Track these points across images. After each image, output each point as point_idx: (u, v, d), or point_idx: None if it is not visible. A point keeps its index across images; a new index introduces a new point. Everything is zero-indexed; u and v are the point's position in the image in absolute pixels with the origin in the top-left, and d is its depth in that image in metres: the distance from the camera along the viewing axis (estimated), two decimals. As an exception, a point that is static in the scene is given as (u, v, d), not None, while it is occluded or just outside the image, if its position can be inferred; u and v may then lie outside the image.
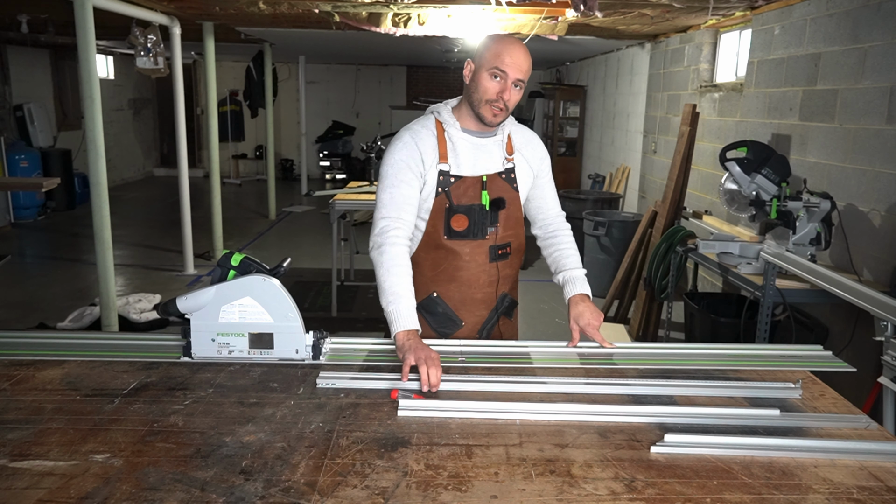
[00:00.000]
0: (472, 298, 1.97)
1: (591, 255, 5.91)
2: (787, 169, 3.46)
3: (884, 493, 1.19)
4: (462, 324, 1.98)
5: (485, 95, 1.81)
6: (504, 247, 1.95)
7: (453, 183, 1.87)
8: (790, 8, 4.18)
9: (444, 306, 1.96)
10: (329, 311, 5.13)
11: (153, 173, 13.61)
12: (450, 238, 1.90)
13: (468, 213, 1.88)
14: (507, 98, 1.81)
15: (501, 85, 1.80)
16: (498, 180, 1.92)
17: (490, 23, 5.35)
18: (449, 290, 1.95)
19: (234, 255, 1.68)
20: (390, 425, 1.39)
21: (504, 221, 1.93)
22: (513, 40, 1.83)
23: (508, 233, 1.95)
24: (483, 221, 1.90)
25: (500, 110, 1.82)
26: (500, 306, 2.02)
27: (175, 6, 5.52)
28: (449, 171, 1.88)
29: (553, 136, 9.69)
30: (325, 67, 13.46)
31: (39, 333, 2.43)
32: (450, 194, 1.87)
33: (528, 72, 1.82)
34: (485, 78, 1.80)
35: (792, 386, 1.60)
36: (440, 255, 1.92)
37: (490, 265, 1.94)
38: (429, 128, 1.91)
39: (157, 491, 1.13)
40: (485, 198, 1.89)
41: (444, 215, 1.88)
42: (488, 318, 2.00)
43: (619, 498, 1.15)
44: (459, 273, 1.93)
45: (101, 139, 4.44)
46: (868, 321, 2.78)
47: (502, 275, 1.98)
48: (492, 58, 1.79)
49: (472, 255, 1.92)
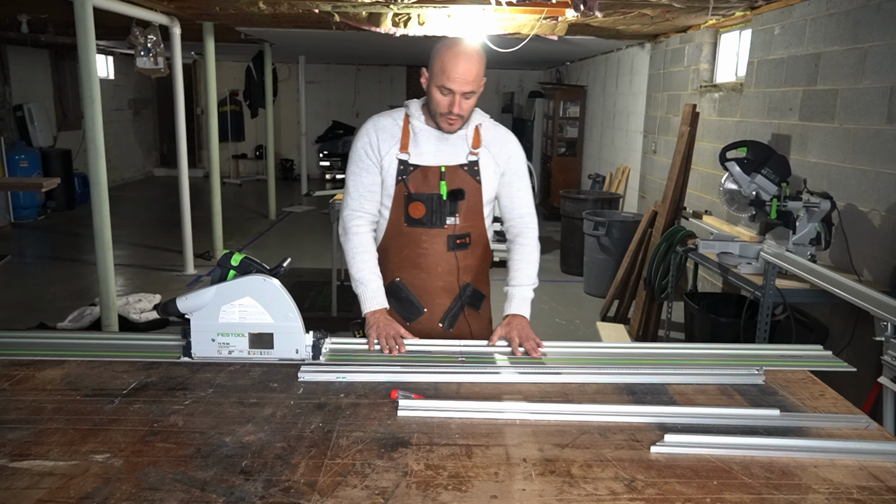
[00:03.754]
0: (433, 286, 2.04)
1: (591, 255, 5.91)
2: (787, 169, 3.46)
3: (884, 493, 1.19)
4: (424, 310, 2.05)
5: (438, 109, 1.90)
6: (463, 237, 2.01)
7: (412, 172, 1.96)
8: (790, 8, 4.18)
9: (406, 292, 2.04)
10: (329, 311, 5.13)
11: (153, 173, 13.61)
12: (409, 225, 1.99)
13: (426, 202, 1.96)
14: (458, 110, 1.87)
15: (450, 100, 1.86)
16: (459, 171, 1.97)
17: (490, 23, 5.35)
18: (411, 277, 2.03)
19: (234, 255, 1.69)
20: (390, 425, 1.39)
21: (464, 213, 1.99)
22: (458, 51, 1.84)
23: (468, 223, 2.01)
24: (441, 211, 1.97)
25: (455, 120, 1.90)
26: (463, 295, 2.07)
27: (175, 6, 5.52)
28: (408, 160, 1.96)
29: (553, 136, 9.69)
30: (325, 67, 13.46)
31: (39, 333, 2.43)
32: (407, 182, 1.95)
33: (475, 80, 1.86)
34: (435, 92, 1.87)
35: (756, 372, 1.67)
36: (402, 241, 2.01)
37: (449, 254, 2.01)
38: (395, 118, 2.01)
39: (157, 491, 1.13)
40: (443, 188, 1.95)
41: (404, 203, 1.97)
42: (451, 306, 2.06)
43: (619, 498, 1.15)
44: (420, 260, 2.01)
45: (101, 139, 4.44)
46: (868, 321, 2.78)
47: (462, 264, 2.03)
48: (439, 73, 1.85)
49: (431, 244, 2.00)
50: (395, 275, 2.04)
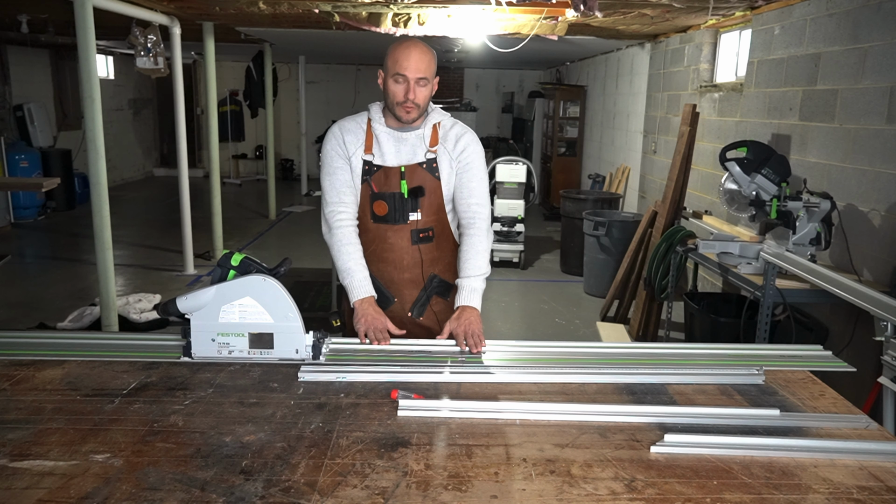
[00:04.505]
0: (400, 278, 2.15)
1: (591, 255, 5.91)
2: (787, 169, 3.46)
3: (884, 493, 1.19)
4: (394, 300, 2.16)
5: (394, 99, 1.99)
6: (426, 230, 2.11)
7: (376, 172, 2.07)
8: (790, 8, 4.18)
9: (377, 283, 2.11)
10: (329, 311, 5.13)
11: (153, 173, 13.60)
12: (375, 222, 2.10)
13: (388, 200, 2.06)
14: (413, 97, 1.97)
15: (405, 87, 1.97)
16: (419, 170, 2.07)
17: (490, 23, 5.35)
18: (380, 270, 2.14)
19: (234, 255, 1.69)
20: (390, 425, 1.39)
21: (426, 208, 2.09)
22: (409, 44, 1.99)
23: (430, 218, 2.11)
24: (403, 207, 2.07)
25: (411, 108, 1.99)
26: (430, 286, 2.17)
27: (175, 6, 5.52)
28: (372, 160, 2.07)
29: (553, 136, 9.69)
30: (325, 67, 13.46)
31: (39, 333, 2.43)
32: (370, 182, 2.07)
33: (427, 69, 1.98)
34: (390, 84, 1.99)
35: (756, 372, 1.67)
36: (369, 237, 2.12)
37: (413, 248, 2.11)
38: (359, 122, 2.13)
39: (157, 491, 1.13)
40: (403, 186, 2.06)
41: (369, 201, 2.08)
42: (418, 297, 2.17)
43: (619, 498, 1.15)
44: (386, 254, 2.12)
45: (101, 139, 4.44)
46: (868, 321, 2.78)
47: (427, 257, 2.14)
48: (392, 65, 1.97)
49: (396, 238, 2.10)
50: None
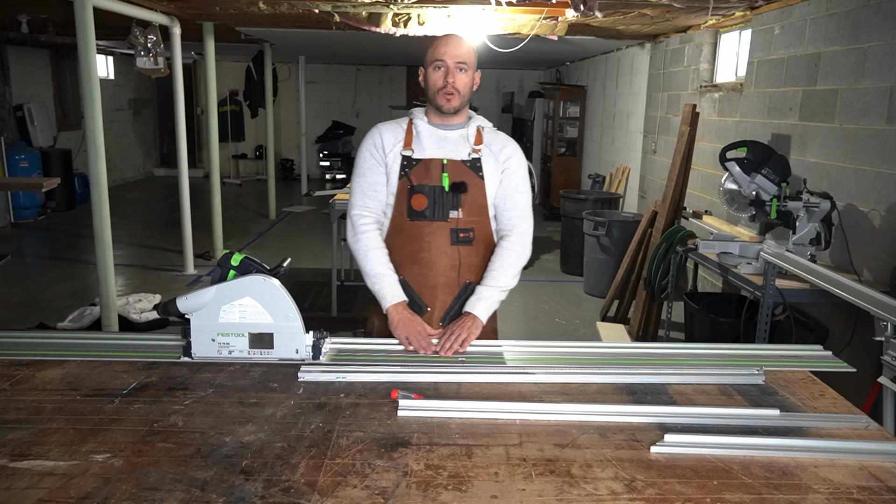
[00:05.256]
0: (434, 281, 2.02)
1: (591, 255, 5.91)
2: (787, 169, 3.46)
3: (884, 493, 1.19)
4: (428, 308, 2.03)
5: (434, 86, 1.99)
6: (466, 231, 2.01)
7: (415, 165, 2.00)
8: (790, 8, 4.18)
9: (410, 290, 2.02)
10: (329, 311, 5.13)
11: (153, 173, 13.60)
12: (411, 219, 2.00)
13: (428, 194, 1.98)
14: (453, 81, 1.96)
15: (444, 72, 1.97)
16: (461, 166, 2.01)
17: (490, 23, 5.35)
18: (413, 273, 2.02)
19: (234, 255, 1.69)
20: (390, 425, 1.39)
21: (467, 207, 2.00)
22: (447, 34, 2.03)
23: (472, 219, 2.01)
24: (443, 203, 1.98)
25: (451, 94, 1.97)
26: (464, 294, 2.03)
27: (175, 6, 5.52)
28: (412, 155, 2.02)
29: (553, 136, 9.68)
30: (325, 67, 13.45)
31: (39, 333, 2.43)
32: (409, 175, 1.99)
33: (466, 55, 1.98)
34: (430, 74, 2.00)
35: (756, 372, 1.67)
36: (404, 237, 2.02)
37: (451, 248, 2.00)
38: (399, 122, 2.11)
39: (157, 491, 1.13)
40: (445, 179, 1.97)
41: (406, 196, 1.99)
42: (451, 305, 2.03)
43: (619, 498, 1.15)
44: (421, 255, 2.00)
45: (101, 139, 4.43)
46: (868, 321, 2.78)
47: (465, 261, 2.02)
48: (431, 54, 2.00)
49: (433, 236, 1.99)
50: (398, 273, 2.03)
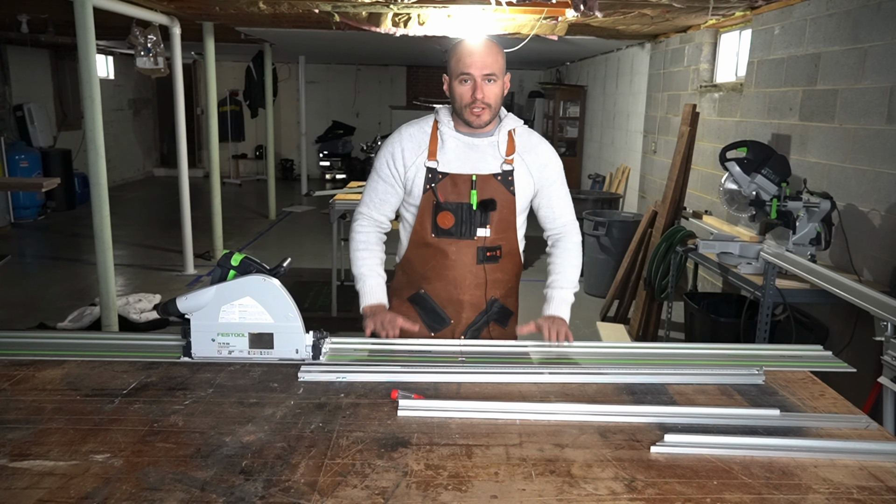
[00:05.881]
0: (458, 299, 1.96)
1: (591, 255, 5.90)
2: (787, 169, 3.46)
3: (884, 493, 1.18)
4: (450, 321, 1.99)
5: (462, 101, 1.84)
6: (494, 249, 1.93)
7: (441, 180, 1.88)
8: (790, 8, 4.18)
9: (431, 302, 1.98)
10: (329, 311, 5.13)
11: (153, 173, 13.60)
12: (437, 236, 1.91)
13: (455, 212, 1.88)
14: (482, 96, 1.82)
15: (471, 85, 1.82)
16: (491, 181, 1.90)
17: (490, 23, 5.35)
18: (436, 289, 1.97)
19: (234, 255, 1.68)
20: (390, 425, 1.39)
21: (496, 224, 1.91)
22: (472, 42, 1.85)
23: (500, 235, 1.93)
24: (471, 221, 1.89)
25: (481, 109, 1.84)
26: (490, 311, 1.99)
27: (175, 6, 5.52)
28: (437, 167, 1.89)
29: (553, 136, 9.68)
30: (325, 67, 13.45)
31: (39, 333, 2.43)
32: (436, 191, 1.88)
33: (494, 64, 1.82)
34: (456, 86, 1.85)
35: (756, 372, 1.66)
36: (428, 252, 1.94)
37: (477, 267, 1.93)
38: (423, 126, 1.95)
39: (157, 491, 1.13)
40: (473, 197, 1.88)
41: (432, 212, 1.89)
42: (475, 319, 1.99)
43: (619, 498, 1.15)
44: (446, 272, 1.94)
45: (101, 139, 4.43)
46: (868, 321, 2.78)
47: (491, 278, 1.95)
48: (455, 65, 1.84)
49: (459, 255, 1.92)
50: (419, 286, 1.99)
